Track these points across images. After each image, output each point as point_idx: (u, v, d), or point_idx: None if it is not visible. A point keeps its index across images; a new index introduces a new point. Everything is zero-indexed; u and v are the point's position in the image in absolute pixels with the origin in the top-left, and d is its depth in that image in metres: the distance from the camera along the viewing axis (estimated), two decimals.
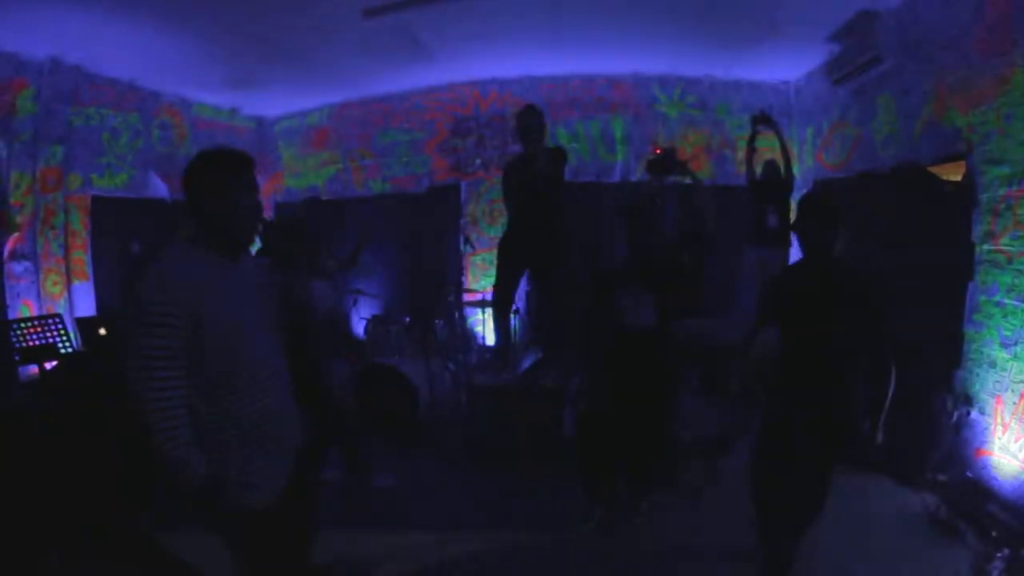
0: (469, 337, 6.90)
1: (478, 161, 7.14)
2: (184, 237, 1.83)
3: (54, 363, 4.50)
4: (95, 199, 5.95)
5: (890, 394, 2.41)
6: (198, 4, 4.47)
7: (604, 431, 3.22)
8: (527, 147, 4.24)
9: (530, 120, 4.20)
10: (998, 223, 3.46)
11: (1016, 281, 3.32)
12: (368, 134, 7.56)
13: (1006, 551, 2.79)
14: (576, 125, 6.84)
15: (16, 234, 5.16)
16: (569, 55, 6.11)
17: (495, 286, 4.70)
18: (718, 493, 3.70)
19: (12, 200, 5.15)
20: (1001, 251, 3.43)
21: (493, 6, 4.80)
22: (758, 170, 5.24)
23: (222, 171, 1.81)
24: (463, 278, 6.99)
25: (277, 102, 7.54)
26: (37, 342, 4.65)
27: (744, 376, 3.58)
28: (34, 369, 4.54)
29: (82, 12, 4.47)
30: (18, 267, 5.20)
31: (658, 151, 5.00)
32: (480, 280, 6.97)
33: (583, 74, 6.68)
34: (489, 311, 5.19)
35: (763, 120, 5.10)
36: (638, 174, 6.57)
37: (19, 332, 4.60)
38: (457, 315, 6.51)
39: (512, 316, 5.90)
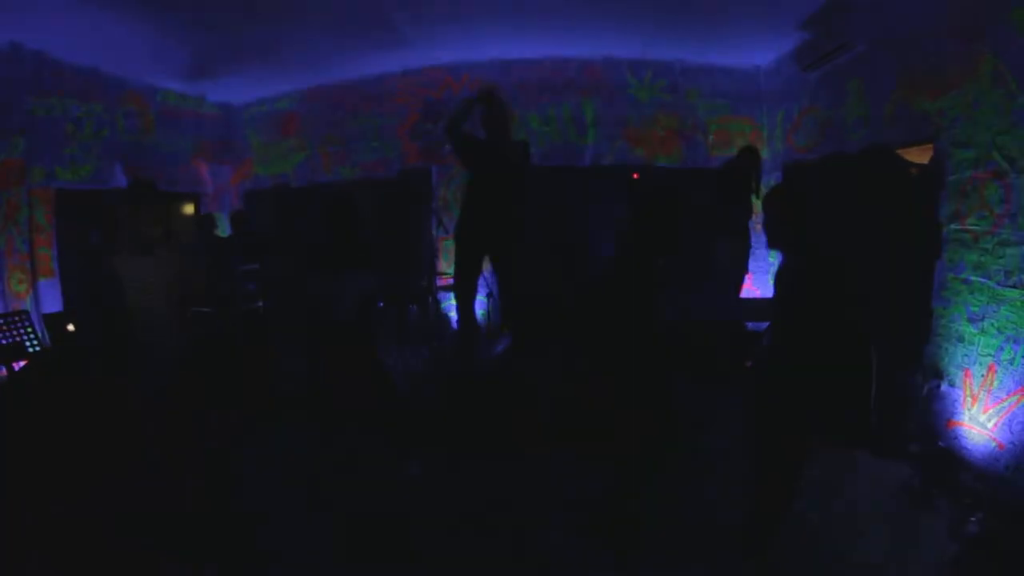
0: (443, 321, 6.87)
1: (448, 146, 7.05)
2: None
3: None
4: (59, 192, 5.71)
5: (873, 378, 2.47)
6: None
7: None
8: (497, 140, 4.28)
9: (500, 113, 4.25)
10: (965, 204, 3.60)
11: (982, 259, 3.47)
12: (338, 119, 7.40)
13: (979, 514, 2.95)
14: (547, 108, 6.80)
15: None
16: (540, 39, 6.07)
17: (456, 273, 4.70)
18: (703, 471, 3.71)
19: None
20: (968, 230, 3.58)
21: None
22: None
23: None
24: (436, 261, 6.93)
25: (245, 88, 7.34)
26: (2, 341, 4.47)
27: None
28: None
29: None
30: None
31: (636, 176, 5.07)
32: (453, 265, 6.92)
33: (554, 57, 6.64)
34: None
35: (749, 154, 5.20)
36: (608, 159, 6.64)
37: None
38: (431, 300, 6.46)
39: (486, 300, 5.90)
